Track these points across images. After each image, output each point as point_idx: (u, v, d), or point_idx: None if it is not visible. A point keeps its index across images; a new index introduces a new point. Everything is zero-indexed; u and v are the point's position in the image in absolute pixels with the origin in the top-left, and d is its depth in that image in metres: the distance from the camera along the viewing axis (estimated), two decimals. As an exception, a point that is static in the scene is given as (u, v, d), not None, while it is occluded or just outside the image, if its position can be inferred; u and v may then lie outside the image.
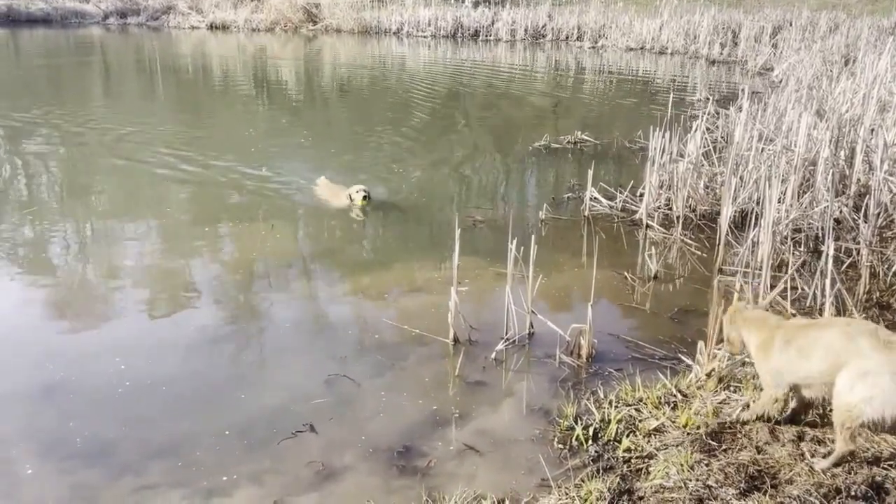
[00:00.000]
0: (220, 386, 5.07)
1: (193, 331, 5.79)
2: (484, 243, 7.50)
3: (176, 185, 9.76)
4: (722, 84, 19.00)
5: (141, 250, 7.41)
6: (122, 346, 5.54)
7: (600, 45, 28.67)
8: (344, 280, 6.81)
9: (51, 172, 10.27)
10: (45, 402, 4.80)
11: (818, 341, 3.70)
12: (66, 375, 5.09)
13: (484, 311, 6.01)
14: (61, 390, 4.92)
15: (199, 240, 7.74)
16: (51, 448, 4.34)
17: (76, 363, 5.28)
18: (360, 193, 8.46)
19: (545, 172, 10.73)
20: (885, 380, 3.39)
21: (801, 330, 3.87)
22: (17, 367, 5.21)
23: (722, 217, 7.43)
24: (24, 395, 4.87)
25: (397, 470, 4.16)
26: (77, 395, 4.89)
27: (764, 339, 3.99)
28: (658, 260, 7.02)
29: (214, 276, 6.84)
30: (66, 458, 4.26)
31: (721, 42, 25.33)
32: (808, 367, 3.75)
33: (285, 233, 7.98)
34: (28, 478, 4.10)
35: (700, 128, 8.77)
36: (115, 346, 5.53)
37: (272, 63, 24.17)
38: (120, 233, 7.92)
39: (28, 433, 4.49)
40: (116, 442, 4.41)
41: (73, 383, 5.00)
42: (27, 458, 4.25)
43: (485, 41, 30.77)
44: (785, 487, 3.56)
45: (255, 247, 7.55)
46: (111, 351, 5.43)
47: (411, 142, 12.91)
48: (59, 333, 5.79)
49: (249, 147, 11.91)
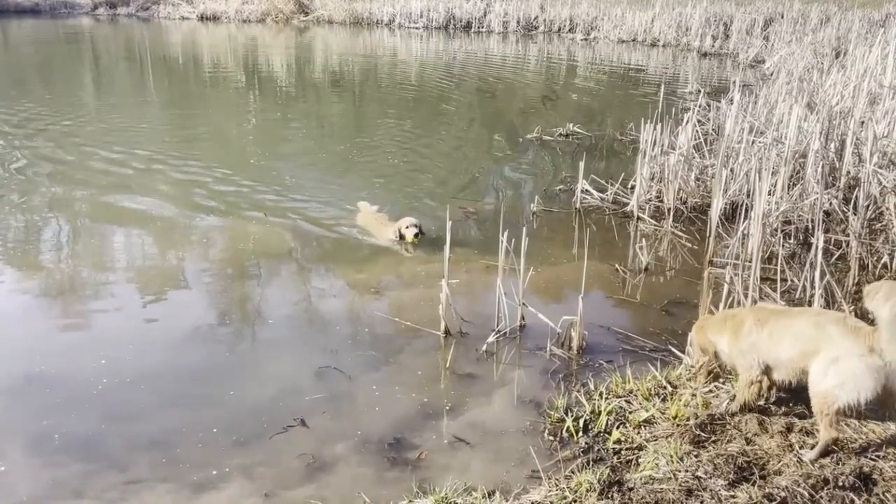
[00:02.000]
0: (210, 380, 5.06)
1: (182, 326, 5.77)
2: (476, 235, 7.51)
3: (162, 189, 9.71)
4: (713, 76, 19.02)
5: (129, 245, 7.37)
6: (107, 340, 5.51)
7: (592, 37, 28.65)
8: (334, 273, 6.79)
9: (35, 168, 10.19)
10: (26, 396, 4.77)
11: (789, 328, 3.87)
12: (48, 369, 5.06)
13: (475, 304, 6.01)
14: (43, 384, 4.89)
15: (188, 234, 7.70)
16: (31, 443, 4.31)
17: (59, 357, 5.26)
18: (411, 230, 7.24)
19: (537, 165, 10.73)
20: (855, 363, 3.51)
21: (774, 315, 4.03)
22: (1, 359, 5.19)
23: (712, 209, 7.45)
24: (5, 389, 4.84)
25: (388, 462, 4.16)
26: (60, 389, 4.85)
27: (736, 324, 4.15)
28: (649, 252, 7.04)
29: (203, 271, 6.80)
30: (47, 453, 4.24)
31: (713, 34, 25.35)
32: (777, 350, 3.91)
33: (275, 226, 7.95)
34: (4, 473, 4.07)
35: (691, 120, 8.78)
36: (99, 340, 5.51)
37: (264, 54, 24.05)
38: (107, 228, 7.87)
39: (6, 428, 4.46)
40: (99, 437, 4.39)
41: (55, 377, 4.97)
42: (5, 453, 4.22)
43: (477, 33, 30.72)
44: (773, 478, 3.59)
45: (244, 240, 7.52)
46: (96, 345, 5.40)
47: (402, 134, 12.88)
48: (43, 327, 5.76)
49: (247, 157, 11.84)
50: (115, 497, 3.91)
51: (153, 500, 3.90)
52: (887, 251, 6.44)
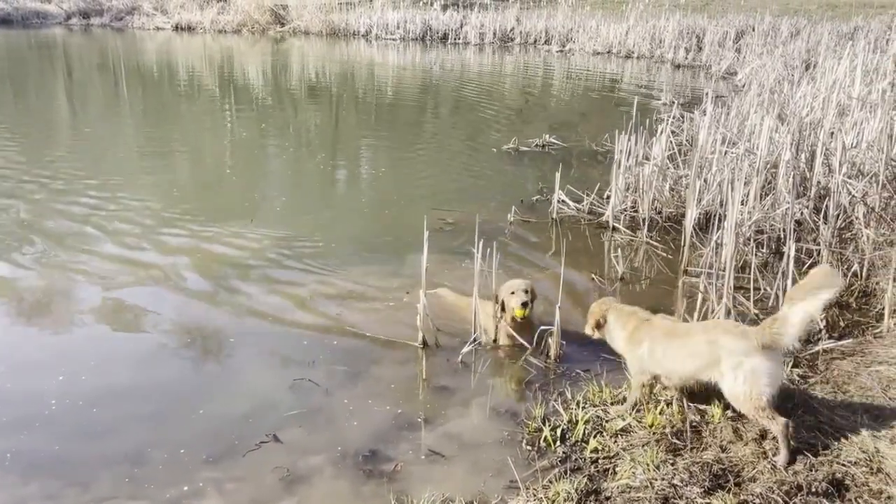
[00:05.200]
0: (178, 397, 4.97)
1: (149, 341, 5.67)
2: (453, 245, 7.50)
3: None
4: (687, 88, 19.27)
5: (93, 258, 7.25)
6: (68, 356, 5.42)
7: (568, 49, 28.92)
8: (309, 285, 6.75)
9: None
10: None
11: (683, 348, 4.18)
12: (7, 384, 4.98)
13: (452, 315, 6.01)
14: (2, 401, 4.80)
15: (157, 246, 7.61)
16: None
17: (14, 373, 5.17)
18: (517, 296, 5.41)
19: (514, 175, 10.78)
20: (756, 359, 3.86)
21: (667, 335, 4.31)
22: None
23: (687, 219, 7.53)
24: None
25: (365, 474, 4.14)
26: (13, 406, 4.75)
27: (633, 329, 4.50)
28: (624, 261, 7.10)
29: (172, 285, 6.68)
30: (6, 471, 4.14)
31: (686, 46, 25.72)
32: (672, 366, 4.28)
33: (249, 238, 7.90)
34: None
35: (665, 131, 8.89)
36: (60, 356, 5.41)
37: (240, 65, 23.96)
38: (72, 241, 7.76)
39: None
40: (59, 455, 4.30)
41: (8, 394, 4.88)
42: None
43: (454, 44, 30.87)
44: (748, 485, 3.62)
45: (220, 250, 7.47)
46: (55, 362, 5.31)
47: (380, 145, 12.89)
48: (7, 342, 5.66)
49: (222, 168, 11.75)
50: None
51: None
52: (857, 259, 6.55)
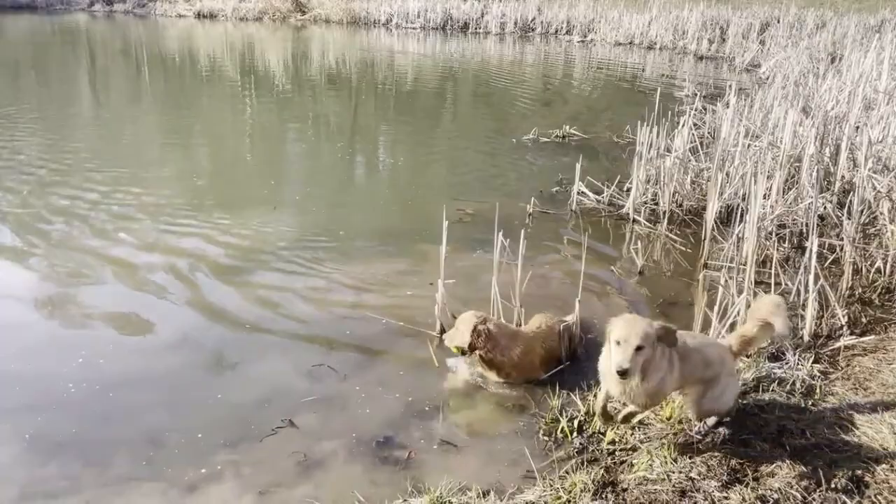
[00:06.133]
0: (196, 382, 5.01)
1: (168, 326, 5.71)
2: (472, 236, 7.50)
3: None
4: (709, 80, 19.08)
5: (115, 242, 7.32)
6: (87, 341, 5.46)
7: (589, 40, 28.72)
8: (328, 271, 6.78)
9: (26, 164, 10.15)
10: (5, 395, 4.74)
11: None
12: (21, 368, 5.05)
13: (471, 304, 6.00)
14: (15, 383, 4.88)
15: (178, 231, 7.66)
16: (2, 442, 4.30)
17: (34, 356, 5.23)
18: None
19: (533, 166, 10.74)
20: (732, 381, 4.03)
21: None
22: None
23: (708, 212, 7.47)
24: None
25: (379, 461, 4.16)
26: (33, 389, 4.81)
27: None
28: (644, 254, 7.06)
29: (193, 269, 6.73)
30: (19, 452, 4.21)
31: (709, 38, 25.45)
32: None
33: (271, 223, 7.95)
34: None
35: (687, 123, 8.81)
36: (79, 341, 5.45)
37: (261, 52, 24.02)
38: (95, 225, 7.84)
39: None
40: (78, 437, 4.36)
41: (28, 377, 4.95)
42: None
43: (474, 34, 30.75)
44: (766, 480, 3.61)
45: (239, 237, 7.51)
46: (74, 346, 5.36)
47: (399, 134, 12.89)
48: (20, 326, 5.70)
49: (242, 155, 11.80)
50: (97, 496, 3.89)
51: (141, 499, 3.89)
52: (881, 256, 6.47)
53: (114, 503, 3.84)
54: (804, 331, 5.37)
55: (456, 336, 4.93)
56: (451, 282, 5.63)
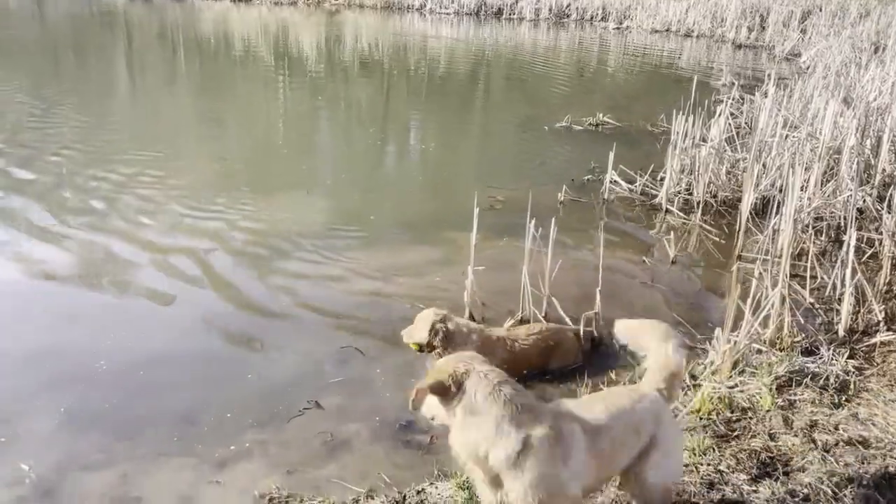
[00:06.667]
0: (228, 362, 5.08)
1: (199, 307, 5.78)
2: (502, 223, 7.47)
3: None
4: (748, 69, 18.72)
5: (151, 223, 7.41)
6: (122, 319, 5.57)
7: (625, 26, 28.32)
8: (359, 255, 6.81)
9: (66, 146, 10.32)
10: (37, 369, 4.85)
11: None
12: (59, 344, 5.15)
13: (499, 291, 6.00)
14: (55, 359, 4.97)
15: (214, 212, 7.73)
16: (42, 415, 4.37)
17: (72, 333, 5.34)
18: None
19: (565, 154, 10.65)
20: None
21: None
22: (22, 331, 5.31)
23: (743, 203, 7.36)
24: (22, 359, 4.96)
25: (402, 444, 4.19)
26: (71, 364, 4.92)
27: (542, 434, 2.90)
28: (676, 245, 6.98)
29: (227, 251, 6.81)
30: (58, 425, 4.30)
31: (748, 26, 24.93)
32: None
33: (303, 207, 8.00)
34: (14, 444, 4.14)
35: (724, 112, 8.66)
36: (115, 319, 5.55)
37: (295, 37, 24.11)
38: (132, 206, 7.94)
39: (17, 399, 4.53)
40: (112, 412, 4.45)
41: (66, 353, 5.05)
42: (15, 425, 4.29)
43: (508, 20, 30.48)
44: (797, 475, 3.56)
45: (270, 220, 7.58)
46: (110, 323, 5.46)
47: (431, 119, 12.87)
48: (60, 304, 5.80)
49: (276, 139, 11.86)
50: (131, 469, 3.96)
51: (172, 473, 3.96)
52: (921, 251, 6.32)
53: (147, 476, 3.92)
54: (839, 326, 5.28)
55: (414, 333, 4.84)
56: (480, 268, 5.62)
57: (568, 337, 5.14)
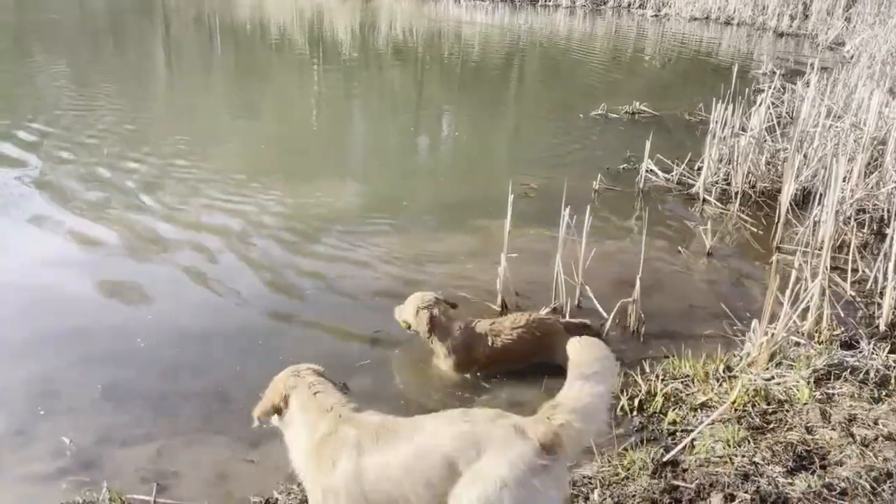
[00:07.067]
0: (262, 341, 5.12)
1: (235, 288, 5.84)
2: (536, 211, 7.43)
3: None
4: (789, 58, 18.32)
5: (192, 205, 7.51)
6: (158, 297, 5.65)
7: (663, 14, 27.85)
8: (391, 242, 6.82)
9: (108, 126, 10.48)
10: (73, 346, 4.95)
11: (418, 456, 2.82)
12: (95, 322, 5.25)
13: (532, 279, 5.97)
14: (90, 336, 5.08)
15: (251, 196, 7.81)
16: (79, 392, 4.47)
17: (109, 311, 5.43)
18: None
19: (601, 142, 10.54)
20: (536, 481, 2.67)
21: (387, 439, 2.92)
22: (62, 309, 5.42)
23: (783, 194, 7.22)
24: (64, 336, 5.07)
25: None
26: (106, 341, 5.02)
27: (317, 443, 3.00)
28: (713, 235, 6.88)
29: (259, 237, 6.86)
30: (94, 402, 4.40)
31: (791, 14, 24.35)
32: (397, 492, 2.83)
33: (338, 191, 8.04)
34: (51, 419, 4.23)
35: (765, 101, 8.49)
36: (152, 299, 5.63)
37: (329, 23, 24.17)
38: (174, 187, 8.06)
39: (54, 376, 4.63)
40: (148, 389, 4.54)
41: (102, 330, 5.15)
42: (53, 401, 4.38)
43: (544, 6, 30.14)
44: (834, 469, 3.51)
45: (305, 204, 7.62)
46: (148, 304, 5.55)
47: (464, 107, 12.82)
48: (100, 280, 5.89)
49: (308, 125, 11.91)
50: (168, 446, 4.04)
51: (207, 450, 4.03)
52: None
53: (183, 453, 4.00)
54: (881, 320, 5.18)
55: (403, 311, 4.86)
56: (513, 255, 5.60)
57: (555, 330, 4.93)
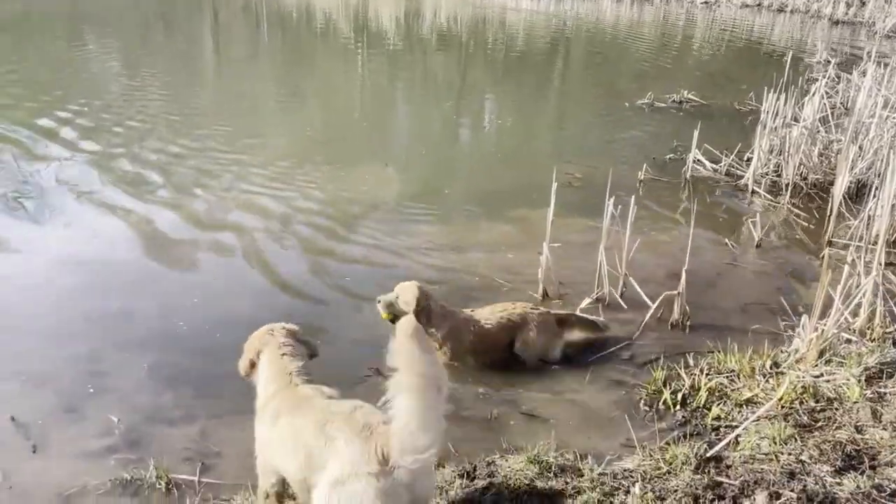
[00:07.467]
0: (299, 325, 5.14)
1: (274, 274, 5.90)
2: (580, 201, 7.36)
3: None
4: (845, 46, 17.77)
5: (235, 192, 7.61)
6: (202, 283, 5.75)
7: (714, 1, 27.27)
8: (433, 230, 6.83)
9: (155, 113, 10.68)
10: (120, 328, 5.05)
11: (296, 432, 2.92)
12: (143, 305, 5.35)
13: (575, 269, 5.92)
14: (140, 319, 5.18)
15: (288, 182, 7.88)
16: (126, 371, 4.56)
17: (154, 295, 5.52)
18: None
19: (646, 132, 10.38)
20: (360, 486, 2.61)
21: (292, 411, 3.03)
22: (108, 293, 5.54)
23: (836, 186, 7.01)
24: (111, 318, 5.17)
25: (463, 419, 4.14)
26: (151, 326, 5.11)
27: (265, 399, 3.24)
28: (762, 227, 6.72)
29: (300, 224, 6.90)
30: (140, 381, 4.48)
31: (847, 1, 23.63)
32: (283, 462, 3.03)
33: (384, 179, 8.06)
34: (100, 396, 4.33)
35: (819, 91, 8.27)
36: (194, 285, 5.72)
37: (374, 10, 24.23)
38: (219, 175, 8.16)
39: (101, 356, 4.72)
40: (191, 370, 4.62)
41: (146, 314, 5.25)
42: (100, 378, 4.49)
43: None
44: (884, 469, 3.40)
45: (347, 191, 7.66)
46: (190, 290, 5.63)
47: (508, 94, 12.74)
48: (146, 265, 6.02)
49: (352, 112, 11.98)
50: (210, 426, 4.10)
51: (248, 432, 4.05)
52: None
53: (225, 433, 4.06)
54: (938, 318, 5.00)
55: (399, 300, 4.75)
56: (556, 245, 5.55)
57: (532, 319, 4.80)
